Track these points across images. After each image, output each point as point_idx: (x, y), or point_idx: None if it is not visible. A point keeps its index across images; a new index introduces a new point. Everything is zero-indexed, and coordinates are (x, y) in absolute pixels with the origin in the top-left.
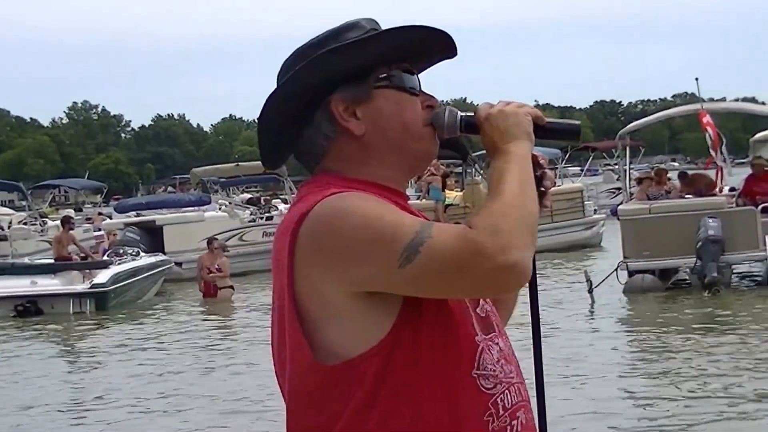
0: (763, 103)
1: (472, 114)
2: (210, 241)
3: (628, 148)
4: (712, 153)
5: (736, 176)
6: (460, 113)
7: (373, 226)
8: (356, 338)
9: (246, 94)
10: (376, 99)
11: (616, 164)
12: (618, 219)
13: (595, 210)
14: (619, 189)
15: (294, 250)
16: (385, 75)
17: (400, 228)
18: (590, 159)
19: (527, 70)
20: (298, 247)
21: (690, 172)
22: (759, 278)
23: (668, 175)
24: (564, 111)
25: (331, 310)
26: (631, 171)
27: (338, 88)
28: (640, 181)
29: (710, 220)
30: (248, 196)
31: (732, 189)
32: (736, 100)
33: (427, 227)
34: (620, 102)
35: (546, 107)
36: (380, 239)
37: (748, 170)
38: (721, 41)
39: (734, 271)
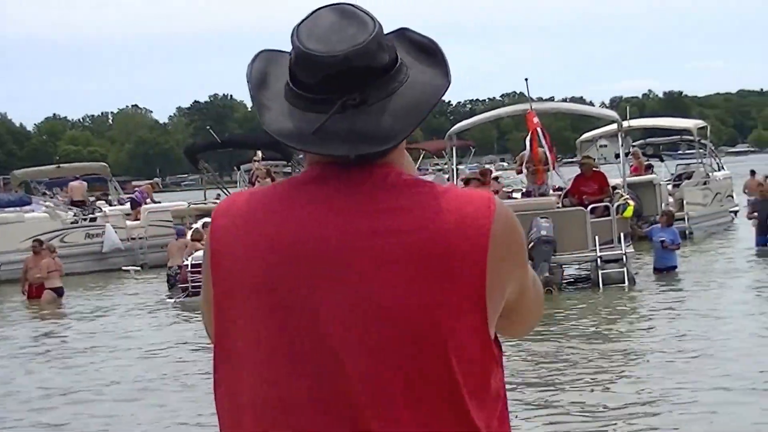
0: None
1: None
2: (36, 242)
3: (455, 148)
4: (547, 154)
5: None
6: None
7: None
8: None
9: (71, 92)
10: None
11: (446, 164)
12: None
13: None
14: None
15: (488, 245)
16: None
17: None
18: (420, 159)
19: None
20: (493, 243)
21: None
22: (588, 278)
23: (494, 175)
24: None
25: (497, 311)
26: (462, 171)
27: None
28: (466, 181)
29: (542, 221)
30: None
31: (559, 189)
32: (564, 100)
33: None
34: (449, 101)
35: None
36: None
37: (576, 170)
38: (550, 42)
39: (564, 272)
